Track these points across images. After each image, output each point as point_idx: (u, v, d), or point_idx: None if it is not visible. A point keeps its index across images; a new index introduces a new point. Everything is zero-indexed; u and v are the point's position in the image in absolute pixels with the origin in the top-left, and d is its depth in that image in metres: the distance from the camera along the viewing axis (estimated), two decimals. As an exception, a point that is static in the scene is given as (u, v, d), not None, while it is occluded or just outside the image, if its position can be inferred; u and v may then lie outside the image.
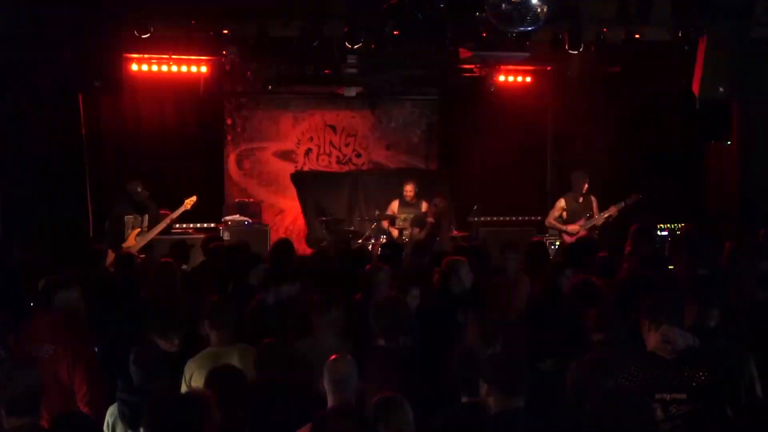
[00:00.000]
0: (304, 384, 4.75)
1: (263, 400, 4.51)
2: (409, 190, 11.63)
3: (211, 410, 3.65)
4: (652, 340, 4.62)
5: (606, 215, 10.93)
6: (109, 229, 10.27)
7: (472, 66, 12.64)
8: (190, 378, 5.10)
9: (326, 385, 4.30)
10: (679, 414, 4.40)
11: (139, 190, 10.29)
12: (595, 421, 3.34)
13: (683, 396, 4.42)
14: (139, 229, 10.18)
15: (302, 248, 12.28)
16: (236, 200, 12.73)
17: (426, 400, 4.38)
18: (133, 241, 10.07)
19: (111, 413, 4.59)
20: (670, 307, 4.67)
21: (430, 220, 11.32)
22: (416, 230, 11.31)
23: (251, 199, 12.97)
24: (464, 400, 4.29)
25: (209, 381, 4.37)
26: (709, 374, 4.44)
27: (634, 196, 10.94)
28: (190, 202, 10.48)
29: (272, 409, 4.49)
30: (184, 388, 5.04)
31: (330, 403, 4.26)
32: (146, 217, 10.24)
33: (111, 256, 9.03)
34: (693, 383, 4.43)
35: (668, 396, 4.42)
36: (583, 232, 10.61)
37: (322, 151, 13.63)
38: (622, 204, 10.93)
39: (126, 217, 10.18)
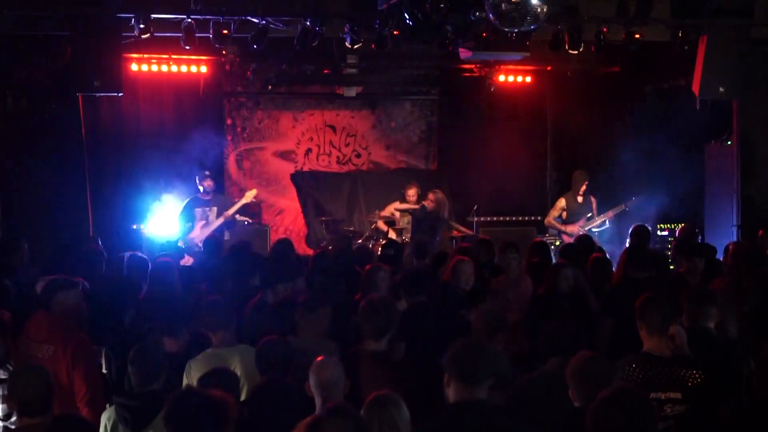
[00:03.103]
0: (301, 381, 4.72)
1: (264, 398, 4.49)
2: (411, 194, 11.54)
3: (232, 412, 3.65)
4: (647, 340, 4.62)
5: (604, 218, 10.92)
6: (180, 220, 10.88)
7: (472, 66, 12.65)
8: (191, 378, 5.08)
9: (313, 388, 4.27)
10: (674, 414, 4.39)
11: (206, 183, 10.91)
12: (595, 421, 3.33)
13: (678, 395, 4.42)
14: (204, 222, 10.74)
15: (302, 248, 12.28)
16: (236, 200, 12.71)
17: (416, 403, 4.35)
18: (198, 231, 10.63)
19: (108, 417, 4.58)
20: (662, 309, 4.66)
21: (427, 203, 11.05)
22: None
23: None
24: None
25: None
26: (704, 374, 4.44)
27: (634, 199, 10.93)
28: (250, 194, 11.10)
29: (272, 406, 4.48)
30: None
31: (318, 405, 4.23)
32: (214, 209, 10.82)
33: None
34: (689, 383, 4.43)
35: (663, 395, 4.42)
36: (582, 233, 10.60)
37: (322, 151, 13.63)
38: (623, 207, 10.92)
39: (195, 209, 10.79)
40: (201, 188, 10.99)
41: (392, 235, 11.30)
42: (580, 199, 11.04)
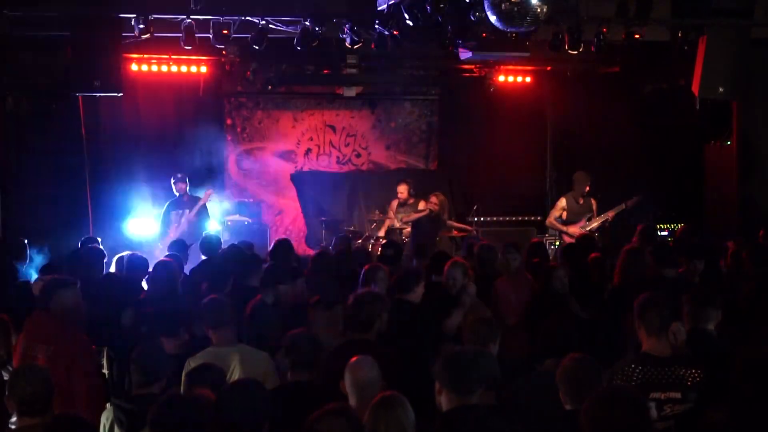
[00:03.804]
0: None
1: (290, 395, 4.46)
2: (401, 191, 11.54)
3: (213, 411, 3.65)
4: (646, 340, 4.61)
5: (604, 218, 10.92)
6: (160, 225, 11.04)
7: (472, 66, 12.65)
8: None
9: (348, 388, 4.21)
10: (673, 414, 4.39)
11: (180, 186, 10.96)
12: (590, 421, 3.33)
13: (678, 395, 4.41)
14: (177, 224, 10.83)
15: (302, 248, 12.29)
16: (236, 200, 12.72)
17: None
18: (173, 234, 10.62)
19: (107, 417, 4.57)
20: (662, 310, 4.64)
21: (432, 206, 11.07)
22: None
23: (251, 199, 12.96)
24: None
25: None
26: (703, 372, 4.44)
27: (635, 198, 10.92)
28: (206, 195, 11.10)
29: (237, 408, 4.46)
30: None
31: (353, 405, 4.12)
32: (187, 212, 10.90)
33: None
34: (688, 382, 4.43)
35: (662, 395, 4.41)
36: (582, 233, 10.59)
37: (322, 151, 13.63)
38: (623, 206, 10.91)
39: (172, 212, 10.90)
40: (175, 191, 11.04)
41: (397, 224, 11.30)
42: (581, 200, 11.02)
